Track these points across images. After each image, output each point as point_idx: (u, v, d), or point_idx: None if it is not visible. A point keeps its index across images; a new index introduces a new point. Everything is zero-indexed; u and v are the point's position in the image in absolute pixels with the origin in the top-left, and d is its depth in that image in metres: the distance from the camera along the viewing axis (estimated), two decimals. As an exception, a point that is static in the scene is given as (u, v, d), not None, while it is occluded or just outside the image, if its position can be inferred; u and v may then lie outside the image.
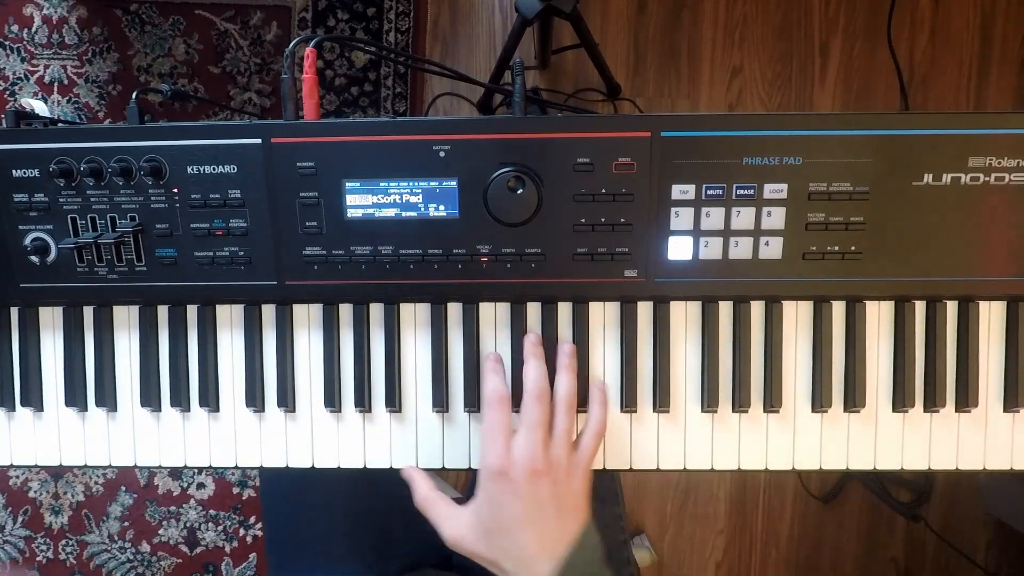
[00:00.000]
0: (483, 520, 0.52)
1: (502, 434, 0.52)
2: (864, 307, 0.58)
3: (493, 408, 0.53)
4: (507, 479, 0.51)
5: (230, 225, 0.57)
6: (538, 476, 0.50)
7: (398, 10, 1.32)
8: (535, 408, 0.53)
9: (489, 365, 0.57)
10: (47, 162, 0.56)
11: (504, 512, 0.51)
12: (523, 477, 0.50)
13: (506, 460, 0.51)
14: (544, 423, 0.53)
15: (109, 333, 0.61)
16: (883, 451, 0.59)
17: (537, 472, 0.50)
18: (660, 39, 1.33)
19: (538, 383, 0.54)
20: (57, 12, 1.31)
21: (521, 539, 0.50)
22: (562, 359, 0.57)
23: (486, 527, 0.51)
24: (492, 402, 0.54)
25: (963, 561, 1.37)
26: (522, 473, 0.50)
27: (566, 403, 0.55)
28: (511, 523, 0.50)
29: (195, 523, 1.39)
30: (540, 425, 0.52)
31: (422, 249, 0.56)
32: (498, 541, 0.51)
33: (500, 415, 0.53)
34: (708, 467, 0.60)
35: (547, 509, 0.50)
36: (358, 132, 0.55)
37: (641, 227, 0.56)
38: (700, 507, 1.40)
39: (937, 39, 1.32)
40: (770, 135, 0.54)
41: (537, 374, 0.54)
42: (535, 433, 0.52)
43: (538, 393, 0.53)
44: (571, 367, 0.56)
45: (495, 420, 0.53)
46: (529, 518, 0.50)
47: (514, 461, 0.51)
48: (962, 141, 0.53)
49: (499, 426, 0.52)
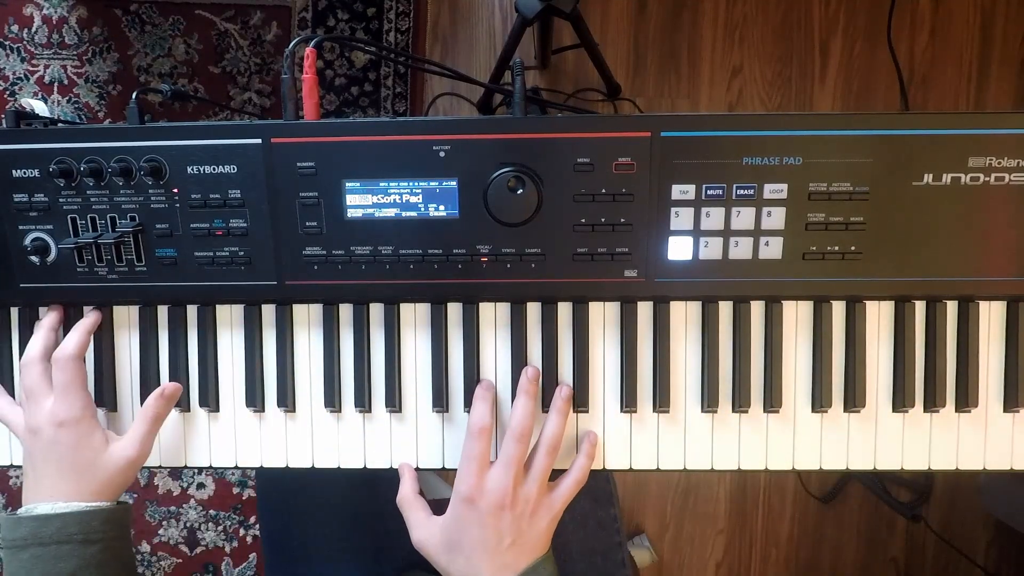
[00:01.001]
0: (447, 536, 0.55)
1: (477, 464, 0.54)
2: (864, 307, 0.58)
3: (473, 438, 0.55)
4: (474, 507, 0.53)
5: (230, 225, 0.57)
6: (502, 510, 0.53)
7: (398, 10, 1.32)
8: (515, 447, 0.54)
9: (478, 392, 0.58)
10: (47, 162, 0.56)
11: (466, 535, 0.54)
12: (488, 508, 0.53)
13: (477, 490, 0.54)
14: (520, 461, 0.54)
15: (109, 333, 0.61)
16: (883, 451, 0.59)
17: (503, 506, 0.53)
18: (660, 39, 1.33)
19: (523, 423, 0.55)
20: (57, 12, 1.31)
21: (475, 561, 0.53)
22: (556, 402, 0.58)
23: (448, 543, 0.55)
24: (473, 432, 0.55)
25: (963, 561, 1.37)
26: (488, 505, 0.53)
27: (549, 445, 0.56)
28: (470, 546, 0.53)
29: (195, 523, 1.39)
30: (516, 462, 0.54)
31: (422, 249, 0.56)
32: (456, 558, 0.54)
33: (479, 446, 0.55)
34: (708, 467, 0.60)
35: (504, 541, 0.53)
36: (358, 132, 0.55)
37: (641, 227, 0.56)
38: (700, 507, 1.40)
39: (937, 39, 1.32)
40: (770, 135, 0.54)
41: (524, 413, 0.56)
42: (509, 469, 0.54)
43: (520, 433, 0.55)
44: (563, 411, 0.57)
45: (473, 450, 0.55)
46: (486, 546, 0.53)
47: (484, 492, 0.53)
48: (962, 141, 0.53)
49: (476, 456, 0.54)
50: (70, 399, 0.55)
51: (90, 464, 0.55)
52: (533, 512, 0.54)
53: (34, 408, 0.56)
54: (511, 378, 0.59)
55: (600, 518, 0.76)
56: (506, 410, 0.60)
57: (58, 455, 0.55)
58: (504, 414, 0.60)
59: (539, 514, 0.55)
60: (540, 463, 0.55)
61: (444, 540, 0.55)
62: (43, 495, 0.54)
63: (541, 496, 0.55)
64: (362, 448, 0.61)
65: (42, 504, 0.53)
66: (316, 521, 0.75)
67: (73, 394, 0.55)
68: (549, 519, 0.55)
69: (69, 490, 0.54)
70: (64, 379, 0.55)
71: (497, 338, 0.60)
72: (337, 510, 0.75)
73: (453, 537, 0.54)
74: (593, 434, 0.59)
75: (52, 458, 0.55)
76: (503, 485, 0.53)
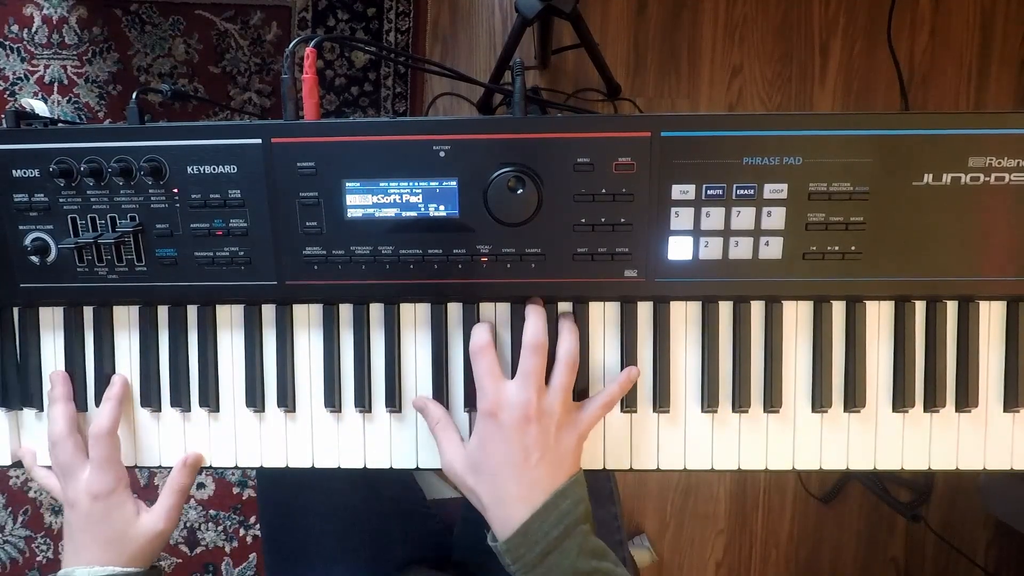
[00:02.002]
0: (473, 457, 0.53)
1: (491, 378, 0.53)
2: (864, 307, 0.58)
3: (478, 357, 0.54)
4: (496, 422, 0.52)
5: (230, 225, 0.57)
6: (527, 422, 0.51)
7: (398, 10, 1.32)
8: (531, 358, 0.53)
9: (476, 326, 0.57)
10: (47, 162, 0.56)
11: (491, 453, 0.52)
12: (512, 422, 0.51)
13: (496, 403, 0.52)
14: (539, 373, 0.53)
15: (109, 333, 0.61)
16: (883, 451, 0.59)
17: (527, 418, 0.51)
18: (660, 39, 1.33)
19: (537, 336, 0.54)
20: (57, 12, 1.31)
21: (502, 480, 0.51)
22: (564, 322, 0.57)
23: (475, 464, 0.53)
24: (476, 352, 0.54)
25: (963, 561, 1.37)
26: (511, 417, 0.51)
27: (567, 361, 0.54)
28: (496, 464, 0.51)
29: (195, 523, 1.39)
30: (534, 374, 0.53)
31: (422, 249, 0.56)
32: (483, 478, 0.52)
33: (486, 362, 0.54)
34: (708, 467, 0.60)
35: (532, 456, 0.51)
36: (358, 132, 0.55)
37: (641, 227, 0.56)
38: (700, 507, 1.40)
39: (937, 39, 1.32)
40: (770, 135, 0.54)
41: (537, 327, 0.54)
42: (529, 381, 0.52)
43: (536, 345, 0.53)
44: (574, 330, 0.56)
45: (482, 367, 0.54)
46: (513, 462, 0.51)
47: (504, 404, 0.52)
48: (962, 141, 0.53)
49: (487, 372, 0.53)
50: (105, 474, 0.57)
51: (123, 535, 0.57)
52: (560, 426, 0.52)
53: (71, 482, 0.58)
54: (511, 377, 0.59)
55: (601, 517, 0.76)
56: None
57: (94, 526, 0.57)
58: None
59: (565, 429, 0.53)
60: (560, 377, 0.54)
61: (470, 461, 0.53)
62: (81, 561, 0.56)
63: (566, 411, 0.53)
64: (362, 448, 0.61)
65: (79, 569, 0.55)
66: (316, 521, 0.75)
67: (108, 468, 0.57)
68: (576, 436, 0.53)
69: (105, 558, 0.56)
70: (101, 455, 0.57)
71: (498, 338, 0.60)
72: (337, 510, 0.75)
73: (478, 457, 0.52)
74: (634, 369, 0.58)
75: (88, 528, 0.57)
76: (525, 396, 0.51)
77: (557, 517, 0.49)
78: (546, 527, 0.49)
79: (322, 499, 0.75)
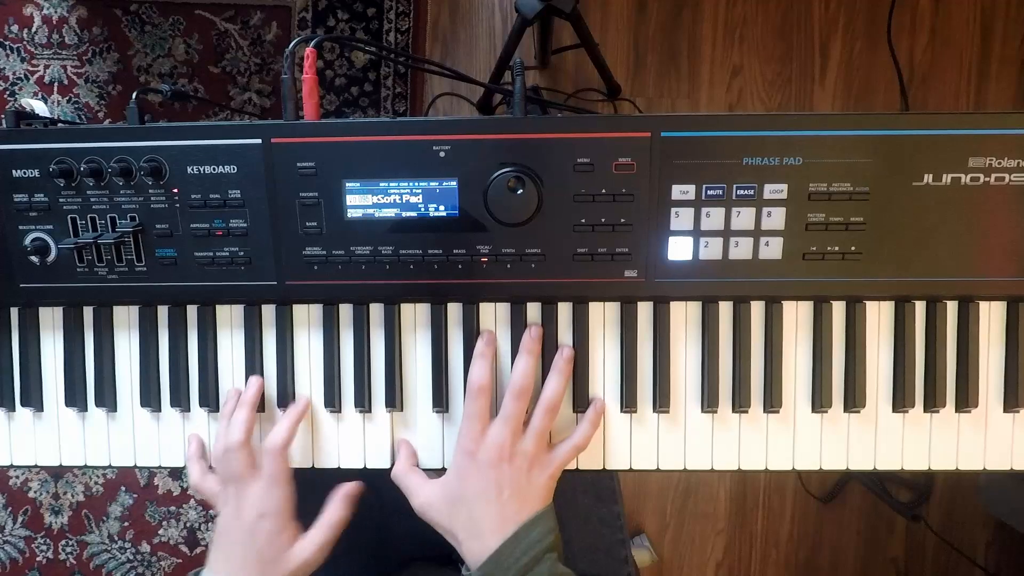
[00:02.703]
0: (449, 491, 0.56)
1: (479, 421, 0.56)
2: (864, 307, 0.58)
3: (473, 397, 0.56)
4: (474, 459, 0.55)
5: (230, 225, 0.57)
6: (501, 461, 0.54)
7: (398, 10, 1.32)
8: (513, 403, 0.56)
9: (479, 348, 0.58)
10: (47, 162, 0.56)
11: (467, 487, 0.55)
12: (487, 460, 0.55)
13: (476, 442, 0.55)
14: (518, 417, 0.56)
15: (109, 333, 0.61)
16: (883, 451, 0.59)
17: (501, 458, 0.55)
18: (660, 39, 1.33)
19: (522, 380, 0.56)
20: (57, 12, 1.31)
21: (477, 513, 0.54)
22: (557, 362, 0.58)
23: (450, 497, 0.56)
24: (473, 391, 0.56)
25: (963, 561, 1.37)
26: (487, 457, 0.55)
27: (548, 405, 0.57)
28: (471, 498, 0.55)
29: (195, 523, 1.39)
30: (514, 419, 0.55)
31: (422, 249, 0.56)
32: (458, 512, 0.55)
33: (479, 404, 0.56)
34: (708, 467, 0.60)
35: (504, 492, 0.54)
36: (358, 132, 0.55)
37: (641, 227, 0.56)
38: (700, 507, 1.40)
39: (937, 39, 1.31)
40: (770, 135, 0.54)
41: (525, 371, 0.56)
42: (508, 425, 0.55)
43: (519, 390, 0.56)
44: (564, 372, 0.58)
45: (474, 408, 0.56)
46: (487, 496, 0.54)
47: (483, 445, 0.55)
48: (962, 141, 0.53)
49: (477, 414, 0.56)
50: (277, 492, 0.57)
51: (274, 559, 0.56)
52: (530, 467, 0.55)
53: (240, 492, 0.57)
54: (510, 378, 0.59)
55: (603, 515, 0.76)
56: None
57: (250, 544, 0.56)
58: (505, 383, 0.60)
59: (535, 470, 0.56)
60: (538, 422, 0.56)
61: (446, 495, 0.56)
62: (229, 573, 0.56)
63: (539, 453, 0.56)
64: (362, 448, 0.61)
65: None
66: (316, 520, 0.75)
67: (280, 486, 0.57)
68: (547, 476, 0.56)
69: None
70: (274, 470, 0.57)
71: (497, 338, 0.60)
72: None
73: (455, 491, 0.55)
74: (600, 400, 0.59)
75: (246, 544, 0.56)
76: (501, 439, 0.55)
77: (527, 545, 0.52)
78: (517, 553, 0.52)
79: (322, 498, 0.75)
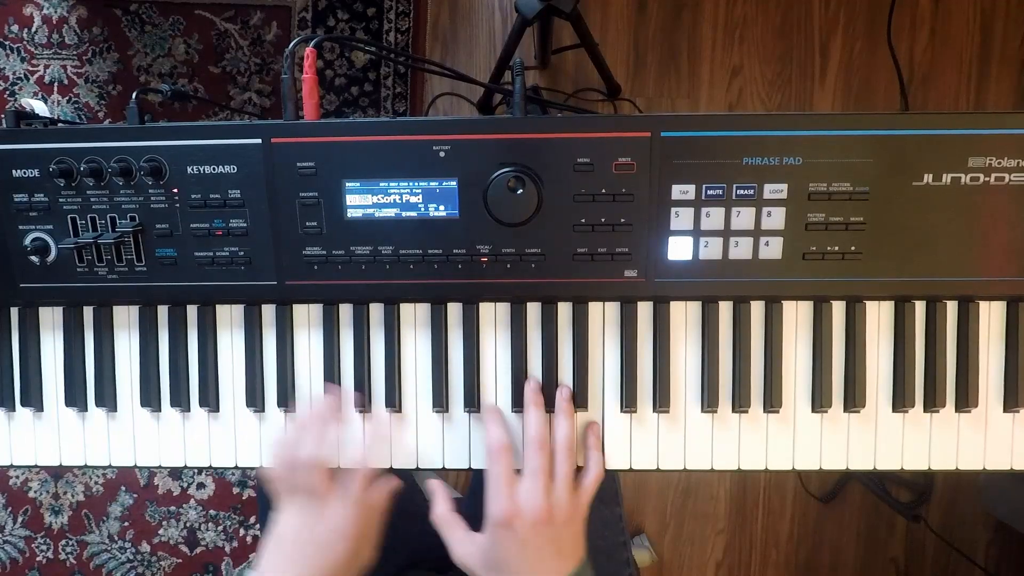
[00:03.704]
0: (488, 557, 0.55)
1: (506, 483, 0.54)
2: (864, 307, 0.58)
3: (496, 459, 0.56)
4: (512, 529, 0.53)
5: (230, 225, 0.57)
6: (537, 524, 0.53)
7: (398, 10, 1.32)
8: (537, 456, 0.55)
9: (488, 414, 0.59)
10: (47, 162, 0.56)
11: (508, 555, 0.54)
12: (527, 526, 0.53)
13: (512, 510, 0.53)
14: (546, 470, 0.55)
15: (109, 333, 0.61)
16: (883, 451, 0.59)
17: (540, 521, 0.53)
18: (660, 39, 1.33)
19: (540, 431, 0.56)
20: (57, 12, 1.31)
21: None
22: (560, 404, 0.58)
23: (490, 563, 0.55)
24: (494, 452, 0.56)
25: (963, 561, 1.37)
26: (526, 523, 0.53)
27: (566, 448, 0.57)
28: (514, 565, 0.54)
29: (195, 523, 1.39)
30: (543, 472, 0.55)
31: (422, 249, 0.56)
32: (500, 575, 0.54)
33: (503, 466, 0.55)
34: (708, 467, 0.60)
35: (546, 553, 0.54)
36: (358, 132, 0.55)
37: (641, 227, 0.56)
38: (700, 507, 1.40)
39: (937, 39, 1.31)
40: (770, 135, 0.54)
41: (539, 422, 0.56)
42: (538, 480, 0.54)
43: (540, 442, 0.56)
44: (568, 412, 0.58)
45: (499, 471, 0.55)
46: (529, 561, 0.53)
47: (519, 511, 0.53)
48: (962, 141, 0.53)
49: (503, 476, 0.55)
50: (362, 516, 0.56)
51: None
52: (569, 516, 0.55)
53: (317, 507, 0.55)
54: (510, 378, 0.59)
55: (604, 517, 0.76)
56: (505, 411, 0.60)
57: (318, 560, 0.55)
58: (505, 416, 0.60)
59: (574, 517, 0.56)
60: (563, 467, 0.56)
61: (485, 561, 0.55)
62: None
63: (572, 503, 0.55)
64: (362, 448, 0.61)
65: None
66: None
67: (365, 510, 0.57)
68: (581, 519, 0.56)
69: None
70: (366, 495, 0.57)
71: (497, 338, 0.60)
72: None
73: (494, 557, 0.54)
74: (595, 424, 0.60)
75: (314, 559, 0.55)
76: (536, 499, 0.53)
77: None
78: None
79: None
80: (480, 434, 0.60)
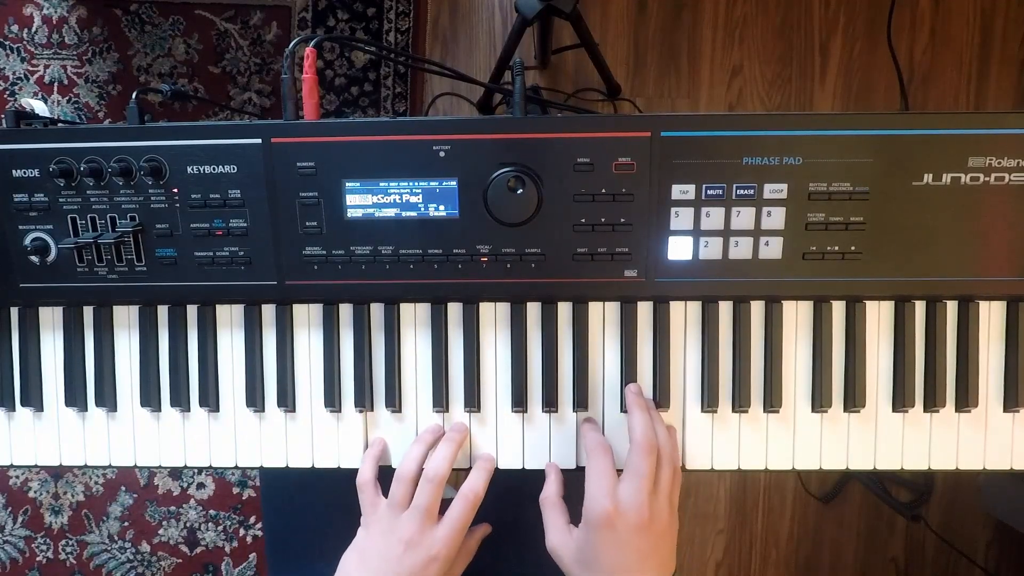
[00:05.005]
0: (583, 555, 0.53)
1: (607, 479, 0.53)
2: (864, 307, 0.58)
3: (596, 456, 0.54)
4: (613, 530, 0.51)
5: (230, 225, 0.57)
6: (641, 530, 0.51)
7: (398, 10, 1.32)
8: (645, 460, 0.52)
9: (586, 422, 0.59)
10: (47, 162, 0.56)
11: (604, 556, 0.52)
12: (629, 530, 0.51)
13: (613, 509, 0.51)
14: (652, 476, 0.53)
15: (109, 333, 0.61)
16: (883, 451, 0.59)
17: (641, 526, 0.51)
18: (660, 39, 1.33)
19: (649, 435, 0.53)
20: (57, 12, 1.31)
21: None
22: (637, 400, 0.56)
23: (585, 562, 0.53)
24: (594, 449, 0.55)
25: (963, 561, 1.37)
26: (628, 526, 0.51)
27: (671, 455, 0.54)
28: (608, 567, 0.51)
29: (195, 523, 1.39)
30: (647, 477, 0.52)
31: (422, 249, 0.56)
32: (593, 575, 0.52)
33: (604, 462, 0.54)
34: (708, 467, 0.60)
35: (645, 562, 0.51)
36: (358, 132, 0.55)
37: (641, 227, 0.56)
38: (700, 507, 1.40)
39: (937, 39, 1.31)
40: (770, 135, 0.54)
41: (647, 425, 0.54)
42: (642, 483, 0.52)
43: (648, 446, 0.53)
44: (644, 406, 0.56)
45: (599, 467, 0.53)
46: (625, 566, 0.51)
47: (621, 512, 0.51)
48: (962, 141, 0.53)
49: (604, 472, 0.53)
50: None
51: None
52: (669, 525, 0.53)
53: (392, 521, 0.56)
54: (510, 378, 0.59)
55: None
56: (506, 410, 0.60)
57: None
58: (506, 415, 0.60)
59: (669, 532, 0.53)
60: (666, 476, 0.54)
61: (580, 558, 0.53)
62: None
63: (671, 513, 0.54)
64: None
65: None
66: (320, 520, 0.75)
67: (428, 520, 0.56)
68: (675, 534, 0.54)
69: None
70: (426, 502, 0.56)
71: (497, 338, 0.60)
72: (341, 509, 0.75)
73: (589, 556, 0.52)
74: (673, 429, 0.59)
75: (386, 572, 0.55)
76: (639, 501, 0.51)
77: None
78: None
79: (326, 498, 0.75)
80: (480, 434, 0.60)
